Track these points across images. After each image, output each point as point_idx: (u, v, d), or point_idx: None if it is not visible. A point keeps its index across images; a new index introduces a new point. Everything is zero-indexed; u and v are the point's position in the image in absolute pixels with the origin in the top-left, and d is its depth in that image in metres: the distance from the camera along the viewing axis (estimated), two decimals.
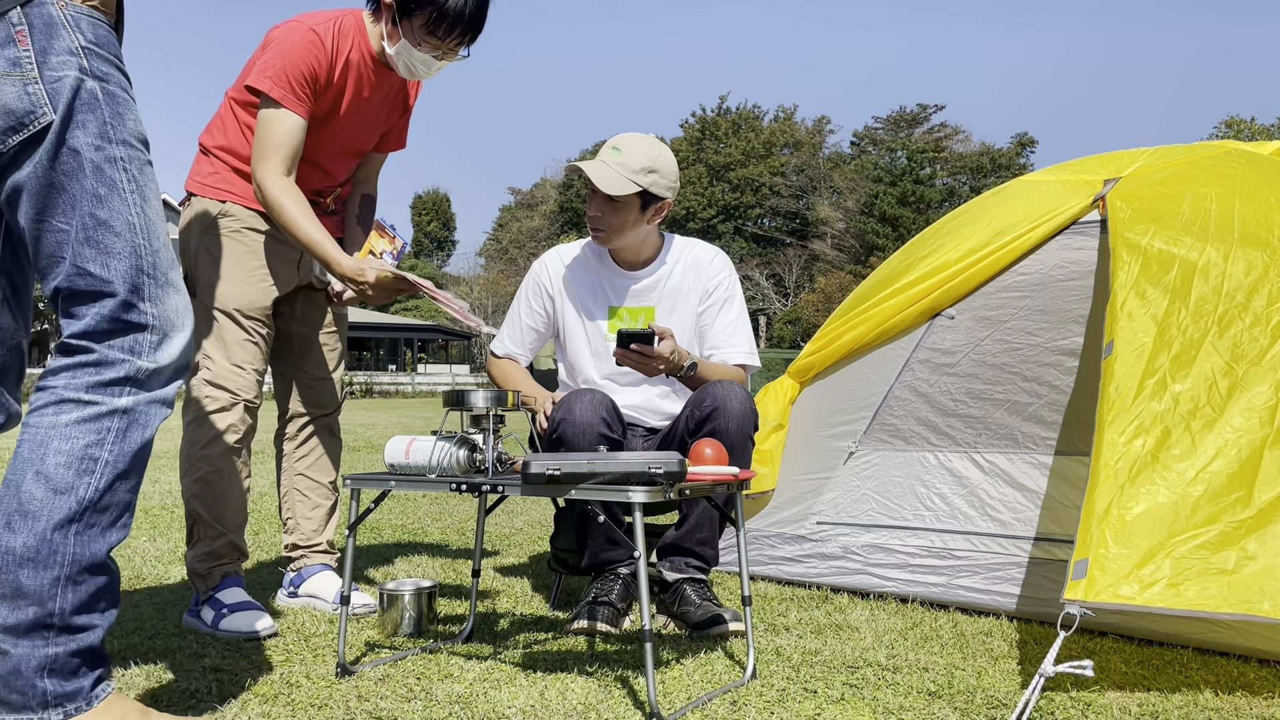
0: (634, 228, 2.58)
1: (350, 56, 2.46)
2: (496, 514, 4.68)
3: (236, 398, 2.49)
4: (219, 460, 2.47)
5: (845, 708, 1.86)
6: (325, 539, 2.76)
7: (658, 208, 2.59)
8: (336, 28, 2.43)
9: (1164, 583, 1.84)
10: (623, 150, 2.53)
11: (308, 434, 2.75)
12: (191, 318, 1.61)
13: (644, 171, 2.51)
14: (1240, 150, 2.75)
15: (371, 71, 2.52)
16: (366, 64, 2.50)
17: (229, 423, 2.48)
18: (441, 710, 1.84)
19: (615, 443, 2.44)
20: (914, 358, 2.88)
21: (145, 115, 1.62)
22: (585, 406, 2.37)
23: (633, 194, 2.51)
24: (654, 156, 2.53)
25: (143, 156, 1.57)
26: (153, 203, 1.57)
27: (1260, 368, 2.05)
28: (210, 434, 2.47)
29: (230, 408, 2.49)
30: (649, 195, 2.55)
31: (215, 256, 2.51)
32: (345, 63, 2.45)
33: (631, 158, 2.51)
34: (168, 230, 1.62)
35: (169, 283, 1.57)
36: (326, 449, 2.78)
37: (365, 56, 2.49)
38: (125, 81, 1.58)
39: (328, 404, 2.75)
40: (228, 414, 2.48)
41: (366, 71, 2.51)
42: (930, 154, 55.44)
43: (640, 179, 2.51)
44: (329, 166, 2.61)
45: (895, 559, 2.76)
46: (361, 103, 2.54)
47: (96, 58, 1.53)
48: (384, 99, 2.62)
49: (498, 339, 2.83)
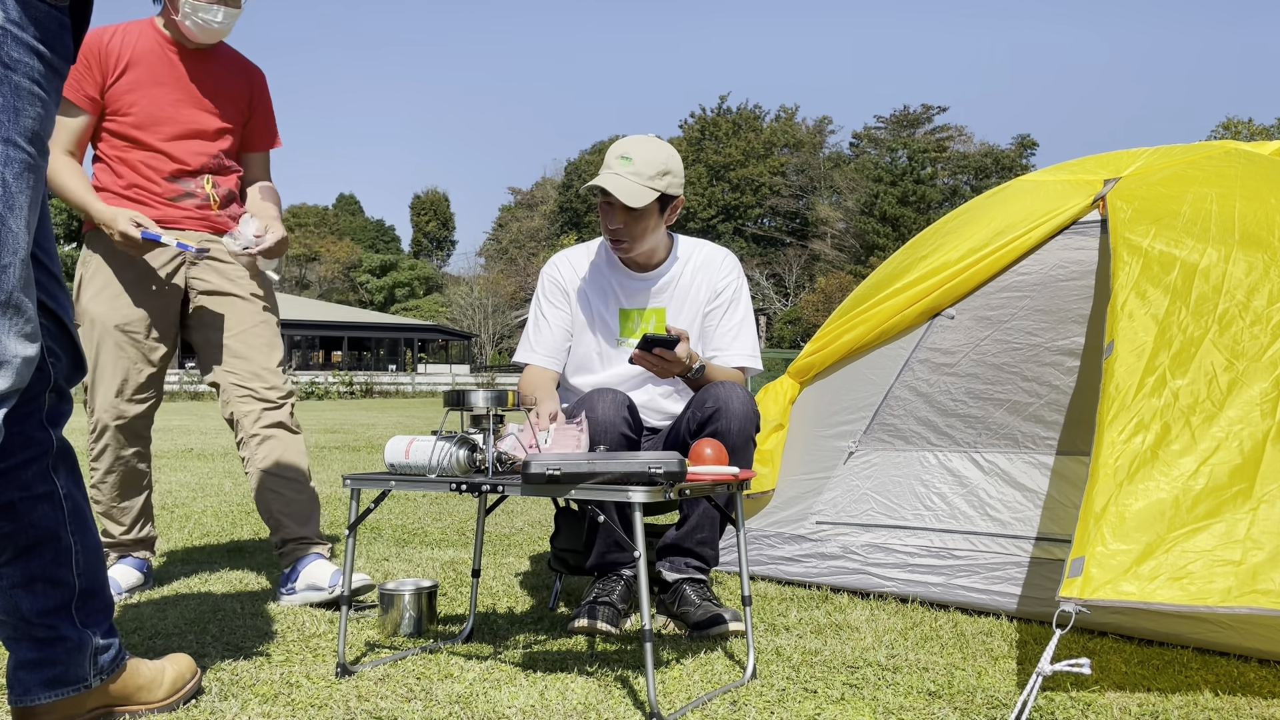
0: (654, 231, 2.60)
1: (140, 44, 2.72)
2: (496, 514, 4.68)
3: (102, 418, 2.74)
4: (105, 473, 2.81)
5: (845, 708, 1.86)
6: (310, 530, 2.77)
7: (673, 206, 2.60)
8: (120, 26, 2.74)
9: (1165, 577, 1.83)
10: (634, 158, 2.51)
11: (262, 435, 2.75)
12: (29, 347, 1.41)
13: (659, 176, 2.52)
14: (1240, 150, 2.75)
15: (172, 55, 2.75)
16: (163, 48, 2.74)
17: (102, 444, 2.77)
18: (441, 710, 1.84)
19: (634, 442, 2.45)
20: (914, 358, 2.88)
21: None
22: (607, 405, 2.38)
23: (652, 201, 2.52)
24: (664, 159, 2.53)
25: (26, 159, 1.39)
26: (19, 213, 1.38)
27: (1260, 364, 2.05)
28: (93, 453, 2.78)
29: (95, 427, 2.76)
30: (665, 197, 2.56)
31: (89, 281, 2.74)
32: (134, 50, 2.71)
33: (644, 165, 2.51)
34: (28, 244, 1.42)
35: (9, 304, 1.38)
36: (284, 443, 2.77)
37: (160, 42, 2.74)
38: (43, 72, 1.40)
39: (269, 398, 2.76)
40: (96, 435, 2.76)
41: (165, 55, 2.74)
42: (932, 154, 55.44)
43: (657, 184, 2.51)
44: (174, 151, 2.74)
45: (895, 559, 2.76)
46: (171, 84, 2.74)
47: (13, 41, 1.35)
48: (213, 82, 2.80)
49: (523, 348, 2.74)
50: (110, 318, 2.69)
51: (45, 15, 1.40)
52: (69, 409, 1.71)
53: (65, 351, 1.67)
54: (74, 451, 1.72)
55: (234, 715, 1.81)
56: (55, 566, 1.65)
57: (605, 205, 2.56)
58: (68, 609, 1.67)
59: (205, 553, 3.59)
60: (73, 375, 1.69)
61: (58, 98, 1.46)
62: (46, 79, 1.41)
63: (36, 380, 1.60)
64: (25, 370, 1.41)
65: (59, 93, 1.46)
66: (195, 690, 1.89)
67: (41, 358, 1.61)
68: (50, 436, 1.65)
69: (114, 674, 1.74)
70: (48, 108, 1.42)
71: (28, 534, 1.62)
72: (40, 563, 1.64)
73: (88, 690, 1.69)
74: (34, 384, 1.60)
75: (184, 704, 1.85)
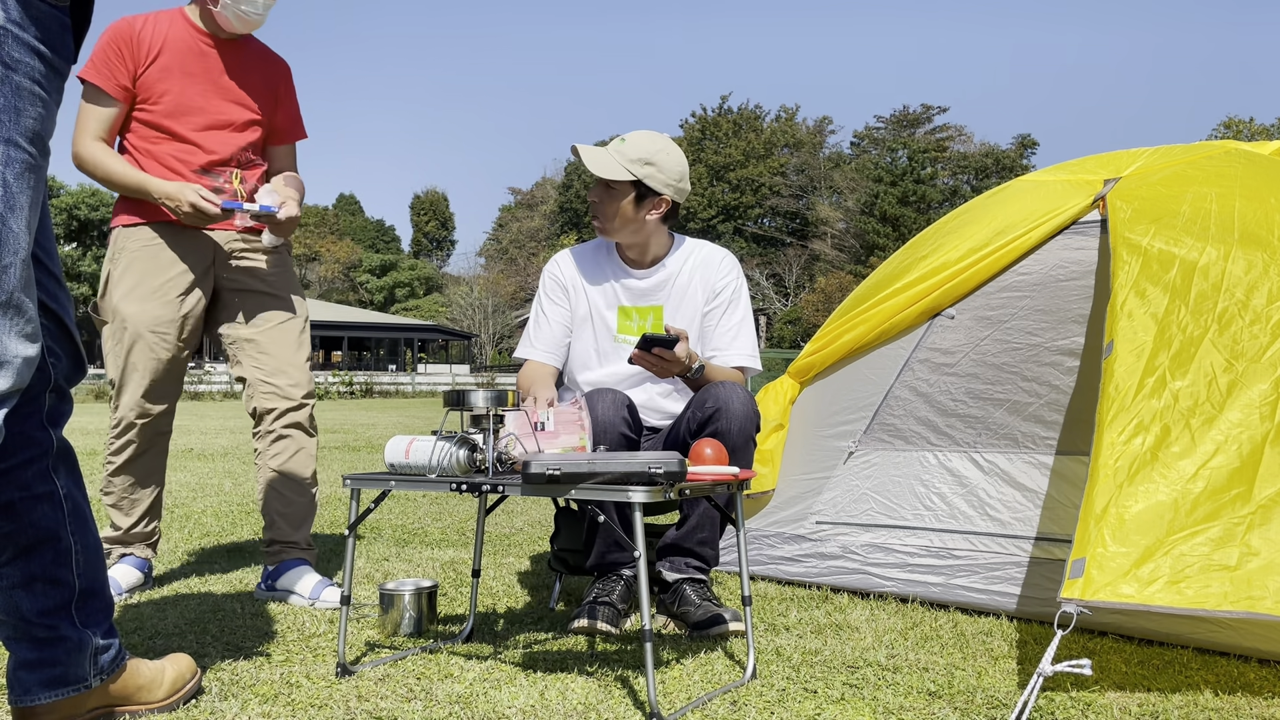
0: (631, 221, 2.59)
1: (171, 33, 2.72)
2: (496, 514, 4.68)
3: (128, 416, 2.75)
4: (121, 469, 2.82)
5: (845, 708, 1.86)
6: (301, 536, 2.82)
7: (655, 203, 2.59)
8: (150, 15, 2.73)
9: (1164, 580, 1.84)
10: (627, 141, 2.57)
11: (279, 432, 2.80)
12: (30, 347, 1.41)
13: (640, 162, 2.53)
14: (1240, 150, 2.75)
15: (203, 46, 2.75)
16: (194, 39, 2.74)
17: (125, 439, 2.78)
18: (441, 710, 1.84)
19: (633, 442, 2.45)
20: (914, 358, 2.88)
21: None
22: (607, 405, 2.39)
23: (625, 181, 2.53)
24: (654, 150, 2.54)
25: (28, 159, 1.38)
26: (20, 213, 1.38)
27: (1260, 365, 2.05)
28: (113, 447, 2.79)
29: (120, 424, 2.77)
30: (644, 188, 2.55)
31: (120, 279, 2.74)
32: (165, 39, 2.71)
33: (631, 148, 2.55)
34: (29, 245, 1.42)
35: (9, 304, 1.38)
36: (300, 446, 2.82)
37: (191, 33, 2.74)
38: (44, 72, 1.40)
39: (292, 397, 2.79)
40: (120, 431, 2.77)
41: (196, 45, 2.74)
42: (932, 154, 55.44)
43: (635, 168, 2.53)
44: (204, 142, 2.74)
45: (895, 559, 2.76)
46: (201, 74, 2.74)
47: (13, 41, 1.35)
48: (241, 73, 2.80)
49: (523, 344, 2.76)
50: (142, 318, 2.69)
51: (46, 15, 1.40)
52: (69, 409, 1.71)
53: (66, 352, 1.67)
54: (74, 451, 1.72)
55: (234, 715, 1.81)
56: (55, 567, 1.65)
57: (594, 182, 2.62)
58: (68, 609, 1.67)
59: (205, 553, 3.59)
60: (73, 375, 1.69)
61: (59, 98, 1.45)
62: (47, 79, 1.41)
63: (37, 380, 1.60)
64: (26, 370, 1.41)
65: (60, 93, 1.46)
66: (195, 690, 1.89)
67: (42, 358, 1.61)
68: (50, 437, 1.65)
69: (114, 674, 1.74)
70: (49, 108, 1.42)
71: (28, 534, 1.62)
72: (40, 563, 1.64)
73: (88, 690, 1.69)
74: (34, 384, 1.60)
75: (184, 704, 1.85)
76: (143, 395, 2.73)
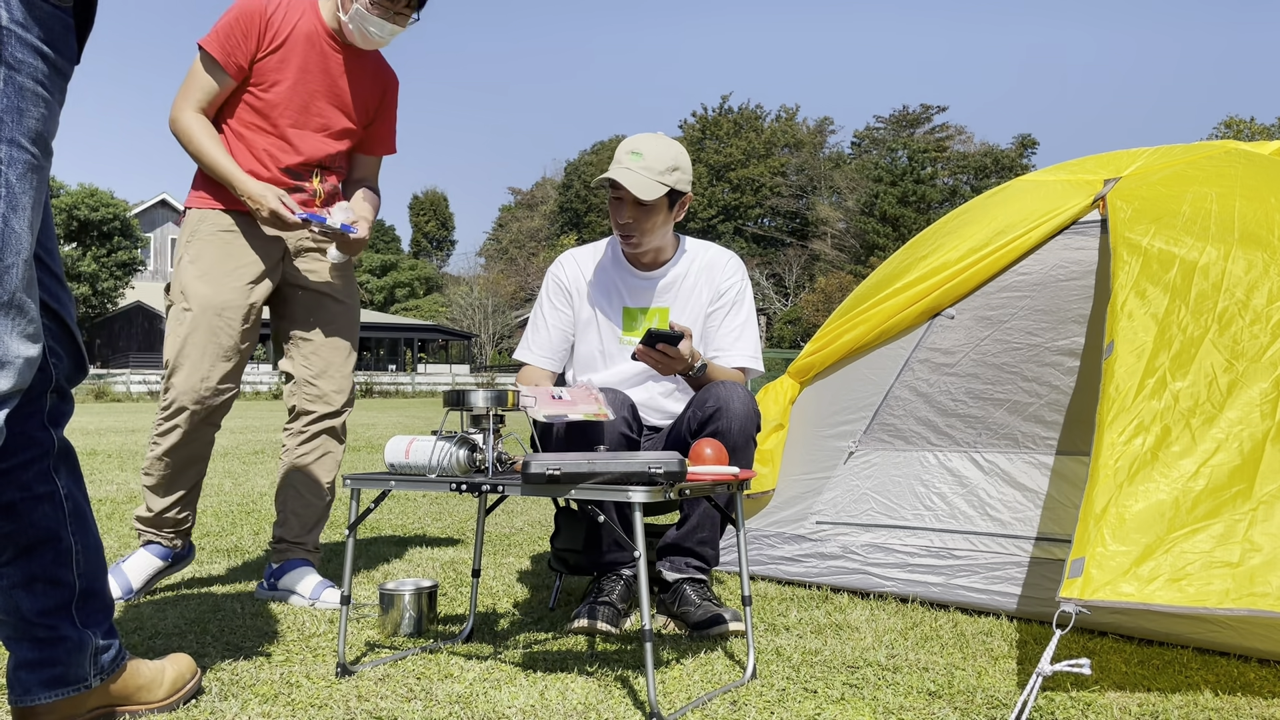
0: (663, 227, 2.61)
1: (299, 25, 2.67)
2: (496, 514, 4.68)
3: (180, 400, 2.66)
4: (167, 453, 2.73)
5: (845, 708, 1.86)
6: (310, 539, 2.82)
7: (681, 202, 2.61)
8: (285, 1, 2.68)
9: (1164, 578, 1.83)
10: (644, 154, 2.54)
11: (311, 433, 2.81)
12: (31, 348, 1.41)
13: (669, 171, 2.53)
14: (1240, 150, 2.75)
15: (327, 45, 2.71)
16: (319, 36, 2.70)
17: (172, 424, 2.69)
18: (441, 710, 1.84)
19: (634, 442, 2.45)
20: (914, 358, 2.88)
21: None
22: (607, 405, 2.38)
23: (662, 196, 2.53)
24: (674, 154, 2.55)
25: (30, 159, 1.38)
26: (22, 213, 1.37)
27: (1260, 365, 2.05)
28: (159, 429, 2.71)
29: (170, 407, 2.68)
30: (674, 193, 2.57)
31: (193, 260, 2.69)
32: (293, 29, 2.67)
33: (654, 160, 2.53)
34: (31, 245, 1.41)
35: (11, 304, 1.37)
36: (327, 450, 2.83)
37: (318, 30, 2.70)
38: (47, 73, 1.40)
39: (333, 403, 2.81)
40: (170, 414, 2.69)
41: (319, 43, 2.70)
42: (932, 154, 55.43)
43: (667, 179, 2.53)
44: (298, 142, 2.73)
45: (895, 559, 2.76)
46: (317, 73, 2.71)
47: (16, 42, 1.35)
48: (354, 81, 2.78)
49: (522, 347, 2.79)
50: (212, 300, 2.66)
51: (49, 16, 1.40)
52: (70, 409, 1.71)
53: (67, 352, 1.67)
54: (75, 451, 1.73)
55: (234, 715, 1.81)
56: (56, 567, 1.65)
57: (615, 200, 2.57)
58: (68, 609, 1.67)
59: (205, 553, 3.59)
60: (74, 375, 1.69)
61: (61, 99, 1.45)
62: (50, 80, 1.41)
63: (38, 381, 1.60)
64: (27, 371, 1.41)
65: (63, 93, 1.45)
66: (195, 690, 1.90)
67: (43, 358, 1.61)
68: (51, 437, 1.65)
69: (114, 674, 1.74)
70: (51, 108, 1.42)
71: (28, 534, 1.62)
72: (41, 563, 1.64)
73: (88, 690, 1.69)
74: (36, 384, 1.60)
75: (184, 704, 1.85)
76: (200, 379, 2.66)
